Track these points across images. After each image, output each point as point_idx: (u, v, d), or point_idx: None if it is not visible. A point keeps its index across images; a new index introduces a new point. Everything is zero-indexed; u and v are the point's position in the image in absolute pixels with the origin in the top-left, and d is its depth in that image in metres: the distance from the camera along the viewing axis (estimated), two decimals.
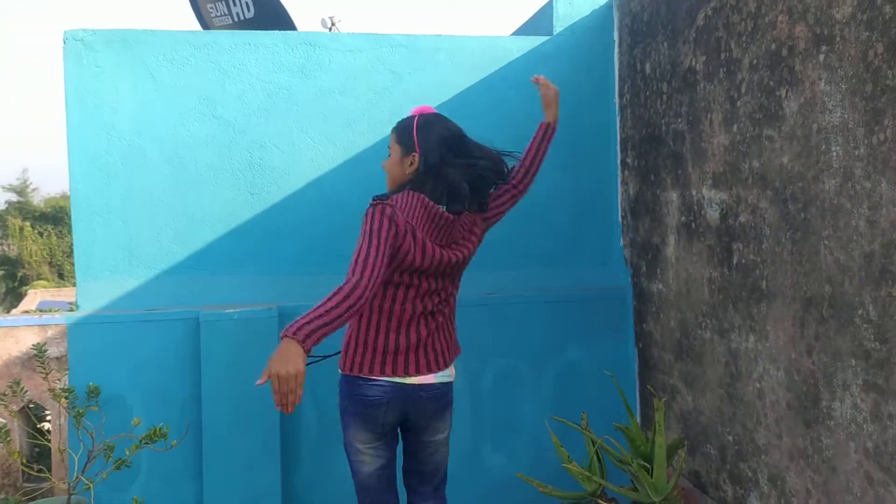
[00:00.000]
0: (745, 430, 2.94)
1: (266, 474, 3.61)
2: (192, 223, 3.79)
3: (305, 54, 3.85)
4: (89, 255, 3.73)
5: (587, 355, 3.97)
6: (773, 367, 2.73)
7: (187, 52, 3.77)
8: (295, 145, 3.86)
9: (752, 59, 2.76)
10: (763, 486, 2.83)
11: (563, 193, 4.07)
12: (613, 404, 3.70)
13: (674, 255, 3.47)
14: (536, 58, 4.01)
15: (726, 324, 3.04)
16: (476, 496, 3.84)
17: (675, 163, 3.42)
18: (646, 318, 3.82)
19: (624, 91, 3.98)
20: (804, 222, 2.50)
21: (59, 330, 3.67)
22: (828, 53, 2.35)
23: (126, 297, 3.74)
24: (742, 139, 2.85)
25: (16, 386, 3.44)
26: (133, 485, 3.60)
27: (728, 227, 2.98)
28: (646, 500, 3.02)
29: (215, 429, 3.58)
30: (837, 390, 2.38)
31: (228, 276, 3.81)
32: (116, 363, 3.61)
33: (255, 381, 2.14)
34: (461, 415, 3.87)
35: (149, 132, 3.75)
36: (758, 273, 2.79)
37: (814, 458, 2.52)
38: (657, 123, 3.58)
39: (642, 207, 3.80)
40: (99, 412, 3.48)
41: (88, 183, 3.72)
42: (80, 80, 3.71)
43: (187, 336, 3.63)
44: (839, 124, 2.31)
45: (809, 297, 2.50)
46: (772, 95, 2.65)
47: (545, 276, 4.03)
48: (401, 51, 3.92)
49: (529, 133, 4.02)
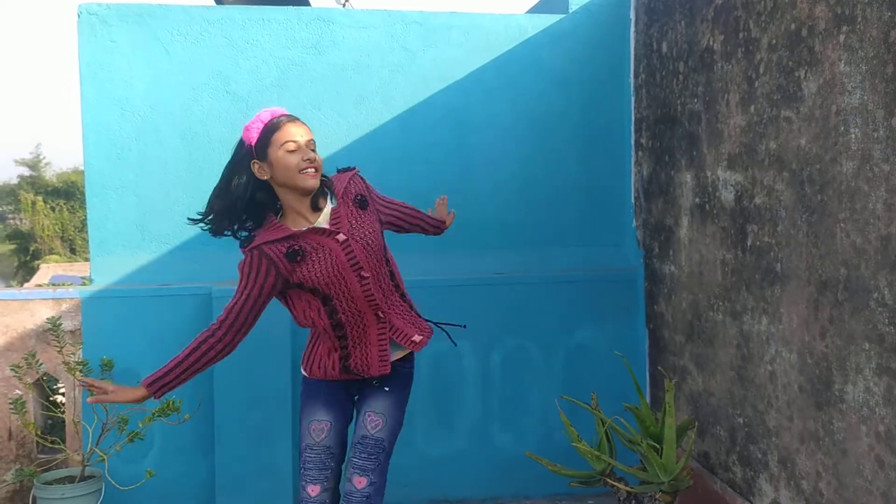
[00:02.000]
0: (756, 413, 2.94)
1: (277, 448, 3.64)
2: (205, 198, 3.74)
3: (318, 30, 3.84)
4: (103, 230, 3.75)
5: (598, 336, 3.97)
6: (785, 349, 2.73)
7: (201, 27, 3.76)
8: (308, 122, 3.82)
9: (771, 39, 2.73)
10: (773, 467, 2.84)
11: (575, 174, 4.05)
12: (623, 385, 3.70)
13: (687, 237, 3.46)
14: (551, 36, 3.98)
15: (739, 306, 3.03)
16: (485, 474, 3.86)
17: (690, 144, 3.39)
18: (657, 300, 3.81)
19: (639, 71, 3.95)
20: (821, 204, 2.48)
21: (73, 304, 3.68)
22: (848, 34, 2.32)
23: (139, 272, 3.76)
24: (759, 120, 2.82)
25: (31, 358, 3.47)
26: (146, 457, 3.64)
27: (743, 209, 2.97)
28: (654, 479, 3.03)
29: (227, 403, 3.61)
30: (850, 373, 2.38)
31: (240, 251, 3.81)
32: (130, 337, 3.64)
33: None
34: (470, 394, 3.89)
35: (162, 107, 3.75)
36: (772, 255, 2.78)
37: (825, 441, 2.52)
38: (673, 104, 3.55)
39: (656, 188, 3.78)
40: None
41: (102, 158, 3.73)
42: (95, 54, 3.70)
43: (200, 311, 3.65)
44: (858, 106, 2.28)
45: (824, 280, 2.48)
46: (790, 76, 2.62)
47: (557, 256, 4.03)
48: (414, 28, 3.89)
49: (541, 113, 4.02)
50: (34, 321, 3.65)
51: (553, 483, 3.62)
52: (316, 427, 2.46)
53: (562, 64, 4.00)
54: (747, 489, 3.03)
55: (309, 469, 2.43)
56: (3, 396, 3.58)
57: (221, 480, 3.61)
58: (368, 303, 2.42)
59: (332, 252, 2.37)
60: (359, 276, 2.38)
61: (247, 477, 3.61)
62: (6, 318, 3.65)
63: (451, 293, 3.38)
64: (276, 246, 2.36)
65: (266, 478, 3.62)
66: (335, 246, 2.37)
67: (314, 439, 2.46)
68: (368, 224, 2.45)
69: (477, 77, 3.94)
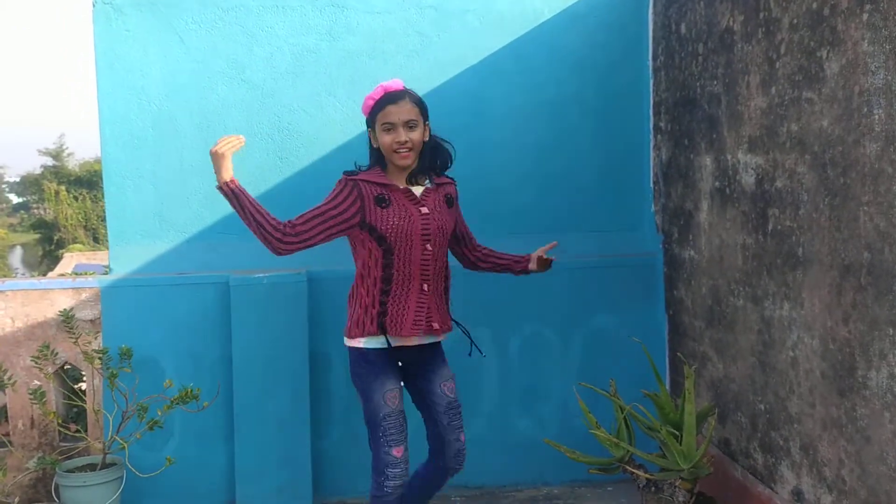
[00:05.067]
0: (778, 399, 2.90)
1: (296, 437, 3.65)
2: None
3: (333, 16, 3.81)
4: (121, 220, 3.76)
5: (616, 322, 3.93)
6: (807, 335, 2.69)
7: (215, 14, 3.75)
8: (323, 109, 3.84)
9: (793, 19, 2.67)
10: (794, 454, 2.80)
11: (593, 158, 4.01)
12: (642, 371, 3.67)
13: (707, 221, 3.41)
14: (568, 18, 3.93)
15: (760, 291, 2.99)
16: (503, 461, 3.86)
17: (709, 126, 3.34)
18: (677, 285, 3.77)
19: (658, 53, 3.89)
20: (843, 187, 2.43)
21: (92, 293, 3.71)
22: (871, 13, 2.26)
23: (157, 261, 3.78)
24: (780, 102, 2.77)
25: (46, 349, 3.50)
26: (166, 445, 3.67)
27: (764, 193, 2.92)
28: (674, 466, 3.01)
29: (246, 391, 3.62)
30: (874, 359, 2.34)
31: (257, 240, 3.81)
32: (148, 326, 3.67)
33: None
34: (489, 380, 3.88)
35: (178, 96, 3.75)
36: (794, 239, 2.73)
37: (848, 428, 2.48)
38: (692, 86, 3.50)
39: (675, 172, 3.73)
40: (132, 374, 3.54)
41: (119, 148, 3.74)
42: (110, 44, 3.71)
43: (218, 299, 3.67)
44: (882, 86, 2.23)
45: (847, 265, 2.44)
46: (812, 56, 2.56)
47: (575, 241, 3.99)
48: (429, 12, 3.86)
49: (558, 97, 3.97)
50: (54, 310, 3.68)
51: (572, 469, 3.61)
52: (390, 395, 2.70)
53: (578, 47, 3.95)
54: (769, 476, 3.00)
55: (392, 434, 2.68)
56: (25, 385, 3.62)
57: (241, 468, 3.63)
58: (421, 271, 2.70)
59: (411, 216, 2.67)
60: (423, 247, 2.69)
61: (266, 465, 3.63)
62: (27, 308, 3.68)
63: (468, 279, 3.36)
64: (370, 186, 2.68)
65: (286, 466, 3.64)
66: (416, 214, 2.68)
67: (392, 407, 2.69)
68: (448, 217, 2.79)
69: (492, 61, 3.90)
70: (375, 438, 2.71)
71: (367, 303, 2.70)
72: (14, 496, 3.54)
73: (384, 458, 2.68)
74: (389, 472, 2.67)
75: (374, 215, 2.64)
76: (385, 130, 2.66)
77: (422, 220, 2.68)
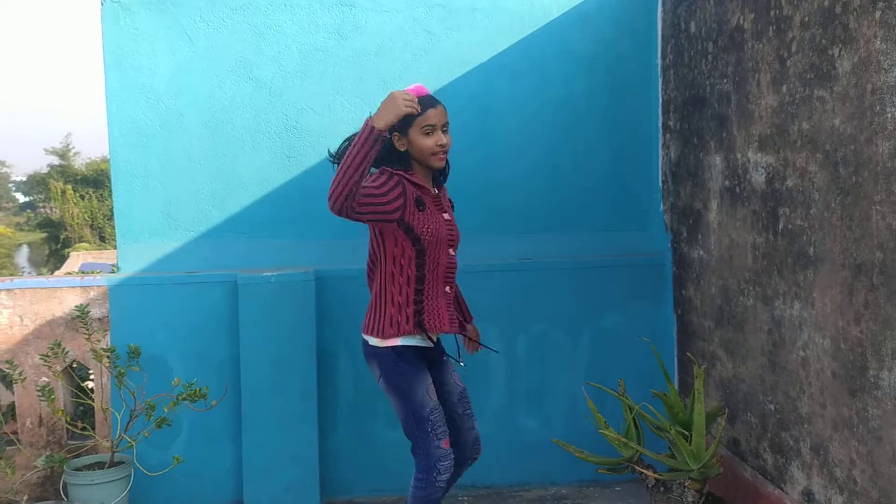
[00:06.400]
0: (788, 399, 2.89)
1: (304, 435, 3.65)
2: (230, 186, 3.80)
3: (341, 15, 3.81)
4: (129, 218, 3.77)
5: (624, 321, 3.92)
6: (818, 335, 2.67)
7: (223, 13, 3.75)
8: (331, 108, 3.83)
9: (804, 17, 2.65)
10: (805, 455, 2.79)
11: (601, 158, 4.00)
12: (651, 371, 3.66)
13: (716, 221, 3.40)
14: (577, 17, 3.92)
15: (770, 290, 2.97)
16: (510, 460, 3.85)
17: (719, 125, 3.32)
18: (685, 285, 3.76)
19: (667, 51, 3.87)
20: (855, 186, 2.42)
21: (100, 291, 3.71)
22: (885, 10, 2.24)
23: (165, 260, 3.78)
24: (791, 100, 2.75)
25: (57, 347, 3.50)
26: (174, 444, 3.67)
27: (774, 192, 2.90)
28: (683, 467, 3.00)
29: (254, 390, 3.62)
30: (886, 359, 2.32)
31: (265, 239, 3.83)
32: (156, 324, 3.67)
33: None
34: (497, 379, 3.87)
35: (186, 95, 3.75)
36: (805, 239, 2.72)
37: (859, 428, 2.47)
38: (701, 84, 3.48)
39: (684, 171, 3.72)
40: (140, 372, 3.54)
41: (128, 146, 3.74)
42: (118, 42, 3.71)
43: (225, 298, 3.67)
44: (895, 85, 2.21)
45: (859, 264, 2.42)
46: (824, 54, 2.55)
47: (583, 241, 3.98)
48: (438, 11, 3.85)
49: (567, 96, 3.96)
50: (62, 309, 3.69)
51: (580, 469, 3.60)
52: (431, 390, 2.75)
53: (587, 45, 3.94)
54: (778, 476, 2.99)
55: (439, 426, 2.72)
56: (34, 383, 3.62)
57: (249, 466, 3.63)
58: (446, 274, 2.79)
59: (439, 222, 2.74)
60: (448, 251, 2.78)
61: (274, 463, 3.62)
62: (35, 306, 3.68)
63: (477, 279, 3.36)
64: (412, 187, 2.70)
65: (293, 464, 3.63)
66: (441, 220, 2.76)
67: (434, 400, 2.74)
68: (454, 223, 2.87)
69: (501, 60, 3.89)
70: (423, 433, 2.71)
71: (401, 301, 2.70)
72: (22, 494, 3.54)
73: (435, 453, 2.69)
74: (441, 465, 2.69)
75: (413, 216, 2.65)
76: (425, 133, 2.67)
77: (446, 226, 2.76)
